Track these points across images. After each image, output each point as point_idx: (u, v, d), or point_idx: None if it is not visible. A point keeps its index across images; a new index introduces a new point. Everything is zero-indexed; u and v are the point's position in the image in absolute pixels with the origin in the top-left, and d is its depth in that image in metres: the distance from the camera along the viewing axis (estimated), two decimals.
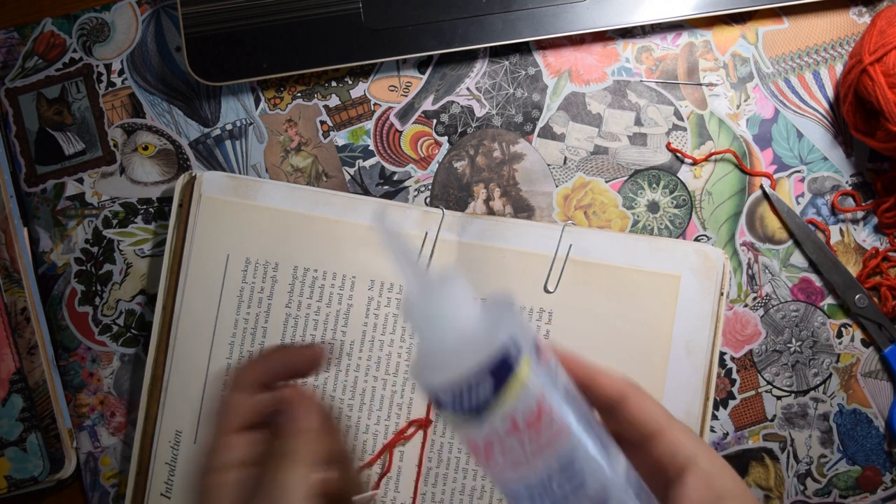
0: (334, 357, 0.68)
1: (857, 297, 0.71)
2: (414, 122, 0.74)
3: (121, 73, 0.74)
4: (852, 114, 0.70)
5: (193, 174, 0.71)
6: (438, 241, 0.69)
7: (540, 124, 0.73)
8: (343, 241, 0.70)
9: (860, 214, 0.72)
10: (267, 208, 0.70)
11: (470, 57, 0.74)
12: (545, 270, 0.69)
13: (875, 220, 0.72)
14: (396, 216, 0.70)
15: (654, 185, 0.73)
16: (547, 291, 0.68)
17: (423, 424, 0.69)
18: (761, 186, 0.72)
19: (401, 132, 0.74)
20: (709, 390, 0.68)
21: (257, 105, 0.74)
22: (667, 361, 0.68)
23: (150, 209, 0.73)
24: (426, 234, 0.69)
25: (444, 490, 0.68)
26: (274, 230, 0.70)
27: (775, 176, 0.73)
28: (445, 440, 0.69)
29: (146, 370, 0.70)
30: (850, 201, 0.73)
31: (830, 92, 0.73)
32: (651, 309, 0.68)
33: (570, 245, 0.69)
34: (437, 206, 0.72)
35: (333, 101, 0.74)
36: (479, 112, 0.74)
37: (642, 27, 0.74)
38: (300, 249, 0.70)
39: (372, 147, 0.74)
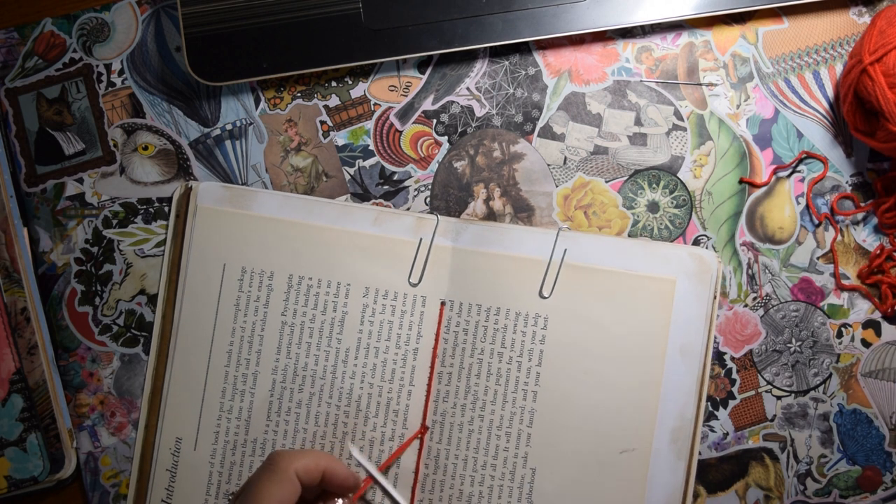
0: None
1: None
2: (414, 122, 0.74)
3: (121, 73, 0.74)
4: (852, 114, 0.70)
5: (189, 185, 0.71)
6: (433, 248, 0.69)
7: (540, 124, 0.73)
8: (337, 249, 0.70)
9: (860, 215, 0.72)
10: (262, 217, 0.70)
11: (470, 57, 0.74)
12: (540, 275, 0.68)
13: (875, 220, 0.72)
14: (391, 222, 0.70)
15: (654, 185, 0.73)
16: (542, 297, 0.68)
17: (421, 432, 0.69)
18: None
19: (401, 132, 0.74)
20: (701, 392, 0.68)
21: (257, 105, 0.74)
22: (663, 365, 0.68)
23: (150, 209, 0.73)
24: (420, 240, 0.69)
25: (440, 497, 0.68)
26: (269, 239, 0.70)
27: (775, 176, 0.73)
28: (442, 447, 0.69)
29: (146, 379, 0.71)
30: (848, 204, 0.73)
31: (830, 92, 0.73)
32: (647, 313, 0.68)
33: (565, 250, 0.69)
34: (432, 213, 0.72)
35: (333, 101, 0.74)
36: (479, 112, 0.74)
37: (642, 27, 0.74)
38: (295, 258, 0.70)
39: (372, 147, 0.74)
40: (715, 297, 0.68)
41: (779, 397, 0.72)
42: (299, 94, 0.74)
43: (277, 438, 0.70)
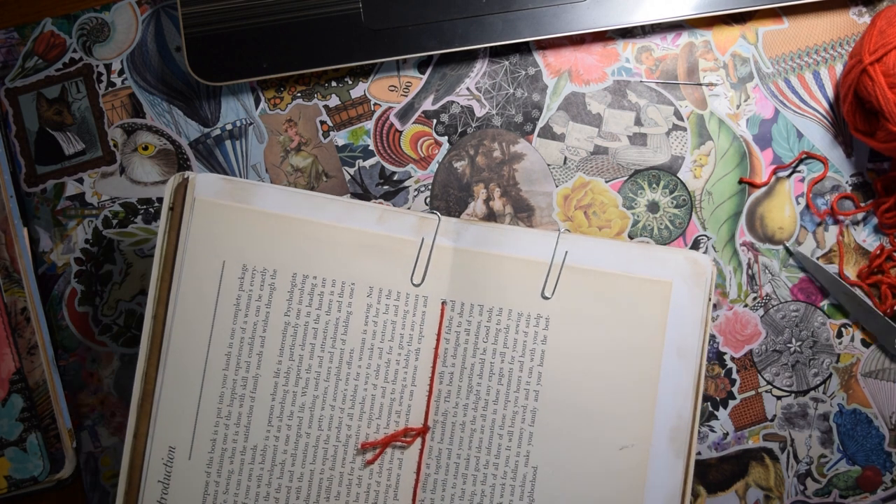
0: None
1: None
2: (414, 122, 0.74)
3: (121, 73, 0.74)
4: (852, 114, 0.70)
5: (186, 176, 0.67)
6: (434, 248, 0.69)
7: (540, 124, 0.73)
8: (341, 247, 0.69)
9: (860, 215, 0.72)
10: (263, 213, 0.68)
11: (470, 57, 0.74)
12: (541, 277, 0.68)
13: (875, 220, 0.73)
14: (394, 220, 0.69)
15: (654, 185, 0.73)
16: (544, 298, 0.68)
17: (422, 432, 0.69)
18: (784, 244, 0.72)
19: (401, 132, 0.74)
20: (698, 392, 0.68)
21: (257, 105, 0.74)
22: (659, 366, 0.68)
23: (150, 209, 0.73)
24: (422, 240, 0.69)
25: (443, 496, 0.68)
26: (272, 235, 0.68)
27: (775, 176, 0.73)
28: (444, 446, 0.68)
29: (135, 384, 0.67)
30: (848, 204, 0.73)
31: (830, 92, 0.73)
32: (644, 314, 0.68)
33: (566, 252, 0.68)
34: (433, 212, 0.71)
35: (333, 101, 0.74)
36: (479, 112, 0.74)
37: (642, 27, 0.74)
38: (299, 256, 0.68)
39: (372, 147, 0.74)
40: (709, 300, 0.68)
41: (779, 397, 0.72)
42: (299, 94, 0.74)
43: (279, 444, 0.68)
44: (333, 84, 0.74)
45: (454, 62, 0.74)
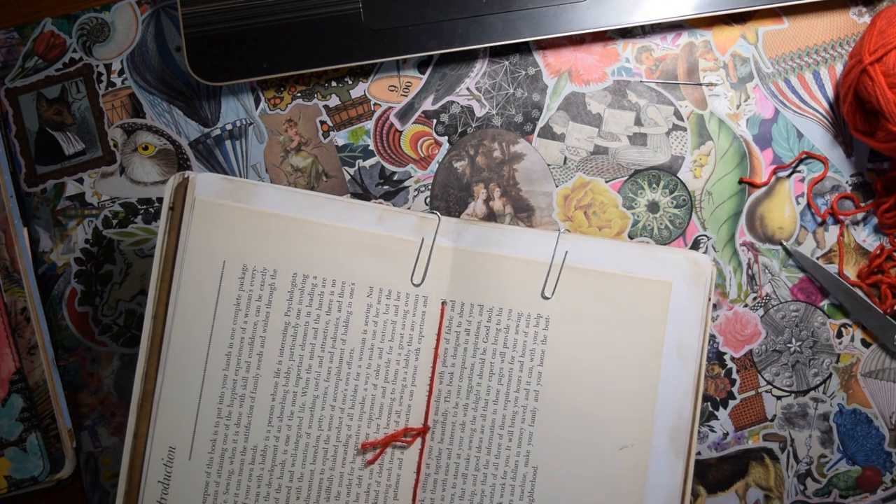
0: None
1: None
2: (414, 122, 0.74)
3: (121, 73, 0.74)
4: (852, 114, 0.70)
5: (186, 175, 0.67)
6: (434, 248, 0.69)
7: (540, 124, 0.73)
8: (341, 247, 0.68)
9: (860, 215, 0.72)
10: (264, 213, 0.68)
11: (470, 57, 0.74)
12: (541, 277, 0.68)
13: (875, 220, 0.73)
14: (394, 220, 0.69)
15: (654, 185, 0.73)
16: (544, 298, 0.68)
17: (422, 432, 0.69)
18: (782, 244, 0.72)
19: (401, 132, 0.74)
20: (698, 391, 0.68)
21: (257, 105, 0.74)
22: (659, 366, 0.68)
23: (150, 209, 0.73)
24: (422, 240, 0.69)
25: (443, 496, 0.68)
26: (272, 235, 0.68)
27: (775, 176, 0.73)
28: (444, 446, 0.68)
29: (135, 384, 0.67)
30: (848, 204, 0.73)
31: (830, 92, 0.73)
32: (645, 314, 0.68)
33: (566, 252, 0.68)
34: (433, 212, 0.71)
35: (333, 101, 0.74)
36: (479, 112, 0.74)
37: (642, 27, 0.74)
38: (299, 255, 0.68)
39: (372, 147, 0.74)
40: (709, 300, 0.68)
41: (779, 397, 0.72)
42: (299, 94, 0.74)
43: (279, 444, 0.68)
44: (333, 84, 0.74)
45: (454, 62, 0.74)
